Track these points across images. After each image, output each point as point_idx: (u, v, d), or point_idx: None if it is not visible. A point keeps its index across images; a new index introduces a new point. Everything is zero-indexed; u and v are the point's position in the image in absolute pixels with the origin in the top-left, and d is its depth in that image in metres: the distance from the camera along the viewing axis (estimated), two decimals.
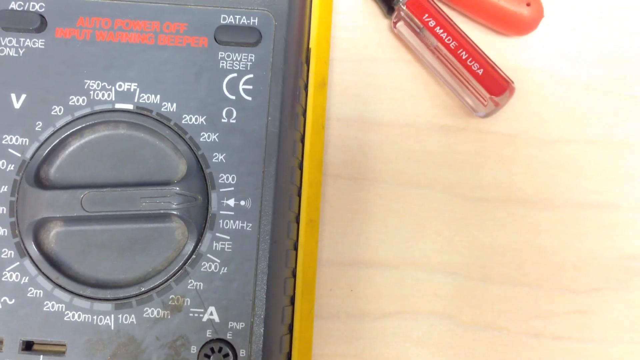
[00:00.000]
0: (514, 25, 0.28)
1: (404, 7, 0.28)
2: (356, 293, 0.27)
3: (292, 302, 0.23)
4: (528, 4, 0.28)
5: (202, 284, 0.21)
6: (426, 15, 0.27)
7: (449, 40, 0.27)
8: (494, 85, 0.26)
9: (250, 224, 0.21)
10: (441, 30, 0.27)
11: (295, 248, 0.23)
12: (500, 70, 0.27)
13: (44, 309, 0.21)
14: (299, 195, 0.23)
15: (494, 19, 0.28)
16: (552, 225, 0.28)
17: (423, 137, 0.28)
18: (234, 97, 0.22)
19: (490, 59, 0.27)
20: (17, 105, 0.22)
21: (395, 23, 0.28)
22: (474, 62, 0.27)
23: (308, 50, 0.24)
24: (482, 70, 0.27)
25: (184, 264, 0.21)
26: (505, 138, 0.28)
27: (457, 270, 0.27)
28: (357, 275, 0.27)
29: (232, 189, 0.21)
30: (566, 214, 0.28)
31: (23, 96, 0.22)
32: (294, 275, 0.23)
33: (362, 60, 0.29)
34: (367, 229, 0.27)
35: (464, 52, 0.27)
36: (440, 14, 0.27)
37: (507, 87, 0.26)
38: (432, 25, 0.27)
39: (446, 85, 0.28)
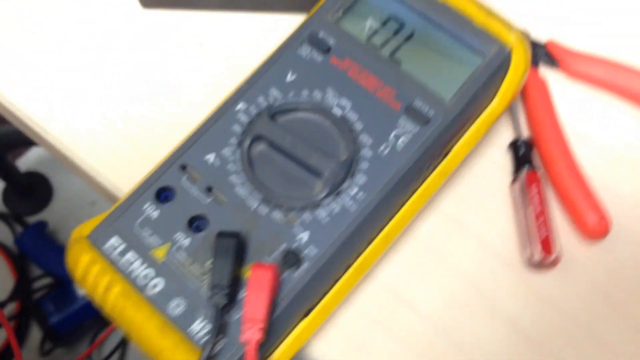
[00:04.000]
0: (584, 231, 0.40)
1: (524, 174, 0.41)
2: None
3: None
4: (600, 218, 0.40)
5: (312, 216, 0.35)
6: (534, 185, 0.40)
7: (536, 207, 0.39)
8: (547, 246, 0.38)
9: (356, 206, 0.35)
10: (536, 200, 0.40)
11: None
12: (557, 240, 0.39)
13: (232, 182, 0.36)
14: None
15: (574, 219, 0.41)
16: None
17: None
18: (393, 142, 0.36)
19: (553, 231, 0.39)
20: (289, 78, 0.38)
21: (513, 180, 0.41)
22: (543, 227, 0.39)
23: (447, 153, 0.38)
24: (545, 234, 0.39)
25: (310, 205, 0.35)
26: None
27: None
28: None
29: (360, 182, 0.35)
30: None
31: (294, 76, 0.38)
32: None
33: (480, 190, 0.42)
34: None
35: (542, 218, 0.39)
36: (539, 191, 0.40)
37: (552, 252, 0.38)
38: (532, 194, 0.40)
39: (521, 231, 0.40)
